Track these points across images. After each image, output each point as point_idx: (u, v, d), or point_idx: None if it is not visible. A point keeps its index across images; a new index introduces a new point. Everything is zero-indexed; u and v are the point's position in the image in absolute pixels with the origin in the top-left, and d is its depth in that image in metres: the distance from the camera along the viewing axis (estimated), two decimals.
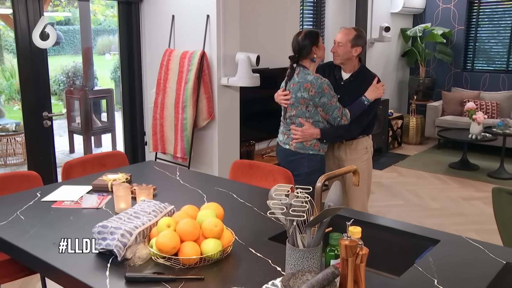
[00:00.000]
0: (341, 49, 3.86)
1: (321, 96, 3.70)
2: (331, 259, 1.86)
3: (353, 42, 3.83)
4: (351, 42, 3.83)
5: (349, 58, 3.89)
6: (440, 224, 5.40)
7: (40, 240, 2.28)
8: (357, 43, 3.84)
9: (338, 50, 3.87)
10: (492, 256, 2.11)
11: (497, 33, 9.16)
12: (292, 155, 3.90)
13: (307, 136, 3.80)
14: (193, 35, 4.99)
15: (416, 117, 9.17)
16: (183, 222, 2.07)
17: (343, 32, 3.88)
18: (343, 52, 3.85)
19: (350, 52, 3.85)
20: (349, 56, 3.87)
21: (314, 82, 3.68)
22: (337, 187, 1.94)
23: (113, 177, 3.13)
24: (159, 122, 5.11)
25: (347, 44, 3.83)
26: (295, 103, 3.79)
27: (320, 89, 3.68)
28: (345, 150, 4.06)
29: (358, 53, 3.88)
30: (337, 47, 3.87)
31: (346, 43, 3.83)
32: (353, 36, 3.83)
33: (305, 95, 3.71)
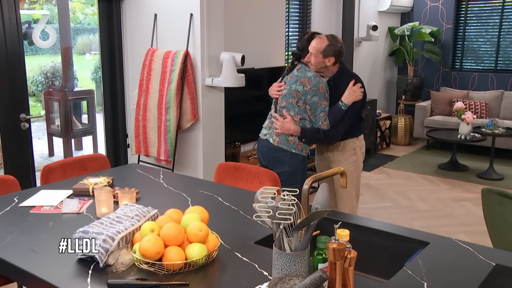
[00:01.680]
0: (313, 59, 3.79)
1: (314, 94, 3.70)
2: (319, 263, 1.85)
3: (325, 53, 3.75)
4: (323, 53, 3.75)
5: (323, 67, 3.83)
6: (429, 226, 5.38)
7: (18, 248, 2.23)
8: (329, 53, 3.76)
9: (310, 60, 3.81)
10: (482, 258, 2.11)
11: (485, 32, 9.17)
12: (275, 151, 3.89)
13: (285, 129, 3.81)
14: (176, 34, 4.94)
15: (405, 117, 9.15)
16: (167, 227, 2.05)
17: (315, 41, 3.79)
18: (315, 62, 3.79)
19: (323, 62, 3.79)
20: (322, 65, 3.81)
21: (312, 79, 3.71)
22: (325, 189, 1.92)
23: (94, 180, 3.10)
24: (142, 124, 5.05)
25: (318, 55, 3.76)
26: (287, 94, 3.80)
27: (316, 87, 3.70)
28: (332, 150, 4.05)
29: (331, 62, 3.79)
30: (310, 56, 3.81)
31: (317, 54, 3.76)
32: (324, 46, 3.74)
33: (299, 89, 3.72)
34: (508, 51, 8.98)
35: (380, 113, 8.80)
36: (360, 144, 4.09)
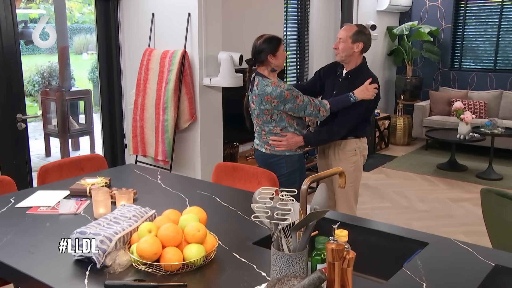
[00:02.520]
0: (341, 45, 3.86)
1: (285, 103, 3.67)
2: (318, 264, 1.83)
3: (354, 38, 3.83)
4: (352, 38, 3.83)
5: (350, 54, 3.88)
6: (429, 226, 5.37)
7: (14, 249, 2.21)
8: (358, 38, 3.84)
9: (338, 46, 3.88)
10: (481, 259, 2.10)
11: (484, 31, 9.16)
12: (269, 158, 3.88)
13: (292, 144, 3.81)
14: (174, 34, 4.93)
15: (403, 117, 9.14)
16: (165, 227, 2.04)
17: (344, 28, 3.90)
18: (343, 48, 3.85)
19: (352, 48, 3.85)
20: (350, 52, 3.86)
21: (273, 94, 3.64)
22: (323, 189, 1.91)
23: (91, 181, 3.09)
24: (139, 124, 5.04)
25: (347, 40, 3.83)
26: (260, 114, 3.78)
27: (281, 98, 3.65)
28: (334, 149, 4.05)
29: (360, 49, 3.86)
30: (338, 43, 3.89)
31: (346, 39, 3.84)
32: (354, 31, 3.84)
33: (268, 107, 3.70)
34: (507, 50, 8.97)
35: (379, 113, 8.79)
36: (362, 147, 4.07)
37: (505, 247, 3.36)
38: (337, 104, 3.80)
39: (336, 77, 4.04)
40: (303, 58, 7.60)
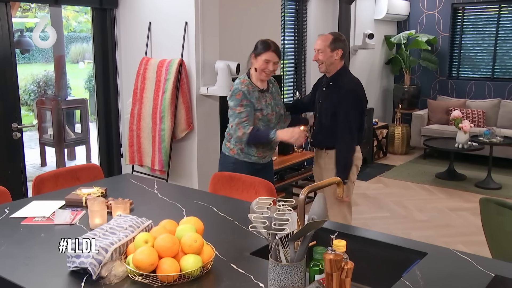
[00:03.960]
0: (321, 56, 3.92)
1: (230, 100, 3.81)
2: (316, 274, 1.85)
3: (332, 46, 3.89)
4: (330, 47, 3.89)
5: (332, 62, 3.93)
6: (427, 236, 5.35)
7: (8, 260, 2.19)
8: (336, 46, 3.90)
9: (319, 57, 3.94)
10: (481, 269, 2.09)
11: (482, 40, 9.18)
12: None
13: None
14: (171, 43, 4.93)
15: (402, 126, 9.13)
16: (161, 238, 2.02)
17: (320, 39, 3.96)
18: (324, 58, 3.91)
19: (332, 56, 3.91)
20: (331, 60, 3.92)
21: (232, 85, 3.87)
22: (321, 199, 1.91)
23: (87, 191, 3.07)
24: (136, 133, 5.02)
25: (326, 50, 3.90)
26: None
27: (234, 93, 3.79)
28: (325, 159, 4.09)
29: (339, 55, 3.93)
30: (318, 54, 3.94)
31: (325, 49, 3.90)
32: (330, 40, 3.91)
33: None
34: (504, 59, 8.98)
35: (377, 122, 8.78)
36: (355, 156, 4.06)
37: (505, 257, 3.35)
38: (256, 137, 3.77)
39: (321, 87, 4.11)
40: (301, 66, 7.60)
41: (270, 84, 3.97)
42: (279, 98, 4.04)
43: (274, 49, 3.80)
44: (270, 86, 3.97)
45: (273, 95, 3.96)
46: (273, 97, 3.95)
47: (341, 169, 3.94)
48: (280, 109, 3.98)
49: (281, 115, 4.01)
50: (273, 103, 3.92)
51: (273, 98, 3.94)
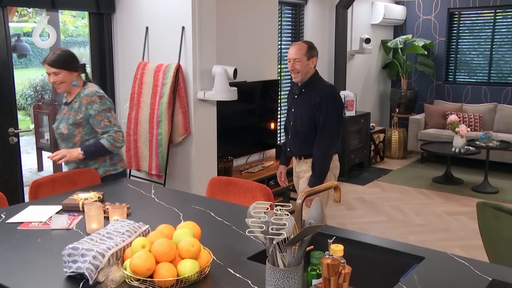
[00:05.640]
0: (298, 65, 3.88)
1: None
2: (313, 279, 1.84)
3: (308, 55, 3.89)
4: (306, 55, 3.88)
5: (308, 71, 3.93)
6: (425, 241, 5.34)
7: (4, 265, 2.18)
8: (312, 54, 3.91)
9: (296, 67, 3.90)
10: (478, 273, 2.09)
11: (478, 45, 9.20)
12: None
13: None
14: (168, 47, 4.92)
15: (399, 130, 9.13)
16: (159, 243, 2.02)
17: (296, 48, 3.91)
18: (301, 67, 3.89)
19: (308, 65, 3.90)
20: (308, 69, 3.92)
21: None
22: (318, 204, 1.90)
23: (84, 196, 3.06)
24: (133, 138, 5.00)
25: (303, 58, 3.87)
26: None
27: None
28: (301, 167, 4.06)
29: (315, 63, 3.94)
30: (294, 64, 3.90)
31: (302, 58, 3.87)
32: (306, 48, 3.89)
33: None
34: (500, 64, 9.00)
35: (374, 127, 8.79)
36: (333, 165, 4.00)
37: (502, 261, 3.34)
38: (89, 147, 3.66)
39: (292, 94, 4.09)
40: None
41: (77, 98, 3.68)
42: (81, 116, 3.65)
43: (47, 61, 3.58)
44: (74, 101, 3.70)
45: (70, 111, 3.70)
46: (69, 113, 3.69)
47: (317, 175, 3.87)
48: (65, 128, 3.69)
49: (63, 135, 3.72)
50: (62, 119, 3.74)
51: (68, 114, 3.70)
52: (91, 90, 3.67)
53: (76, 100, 3.67)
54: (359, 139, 8.10)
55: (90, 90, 3.66)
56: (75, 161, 3.69)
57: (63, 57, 3.62)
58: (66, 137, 3.70)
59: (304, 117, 3.92)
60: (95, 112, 3.62)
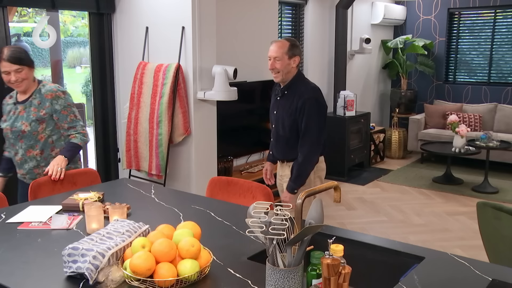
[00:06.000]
0: (279, 64, 3.61)
1: None
2: (313, 279, 1.83)
3: (290, 53, 3.61)
4: (288, 54, 3.60)
5: (289, 71, 3.66)
6: (425, 241, 5.33)
7: (4, 265, 2.18)
8: (294, 53, 3.63)
9: (276, 66, 3.63)
10: (478, 273, 2.08)
11: (478, 45, 9.19)
12: None
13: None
14: (168, 47, 4.92)
15: (399, 130, 9.12)
16: (159, 243, 2.01)
17: (277, 45, 3.63)
18: (282, 66, 3.61)
19: (289, 64, 3.63)
20: (289, 69, 3.64)
21: None
22: (318, 204, 1.88)
23: (84, 196, 3.06)
24: (133, 138, 5.00)
25: (284, 57, 3.60)
26: None
27: None
28: (285, 171, 3.86)
29: (297, 63, 3.66)
30: (274, 62, 3.63)
31: (282, 56, 3.60)
32: (288, 46, 3.61)
33: None
34: (500, 64, 8.99)
35: (374, 127, 8.78)
36: (318, 167, 3.82)
37: (502, 261, 3.34)
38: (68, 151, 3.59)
39: (275, 96, 3.84)
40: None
41: (36, 95, 3.59)
42: (45, 112, 3.57)
43: (8, 59, 3.43)
44: (33, 97, 3.59)
45: (28, 108, 3.57)
46: (28, 110, 3.57)
47: (293, 179, 3.69)
48: (26, 125, 3.56)
49: (24, 132, 3.57)
50: (17, 118, 3.59)
51: (27, 112, 3.56)
52: (53, 86, 3.64)
53: (35, 97, 3.57)
54: (359, 139, 8.10)
55: (53, 86, 3.63)
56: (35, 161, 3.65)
57: (24, 53, 3.52)
58: (28, 134, 3.56)
59: (285, 121, 3.71)
60: (61, 107, 3.58)
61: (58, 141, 3.66)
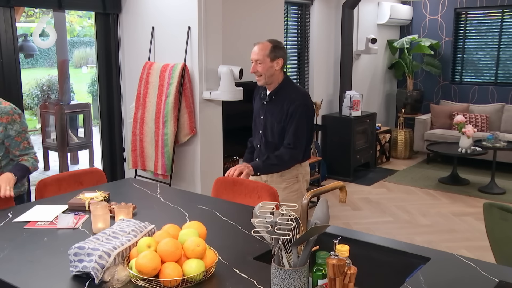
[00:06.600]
0: (260, 67, 3.48)
1: None
2: (319, 279, 1.83)
3: (272, 55, 3.47)
4: (270, 56, 3.47)
5: (272, 74, 3.52)
6: (431, 241, 5.32)
7: (11, 264, 2.18)
8: (277, 55, 3.49)
9: (258, 69, 3.50)
10: (485, 274, 2.07)
11: (485, 45, 9.16)
12: None
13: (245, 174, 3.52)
14: (174, 47, 4.92)
15: (405, 131, 9.10)
16: (164, 242, 2.01)
17: (258, 48, 3.51)
18: (264, 69, 3.48)
19: (272, 67, 3.49)
20: (272, 72, 3.51)
21: None
22: (324, 204, 1.88)
23: (90, 195, 3.05)
24: (139, 137, 5.01)
25: (265, 60, 3.47)
26: None
27: None
28: (272, 176, 3.69)
29: (280, 65, 3.52)
30: (256, 65, 3.51)
31: (264, 59, 3.47)
32: (270, 48, 3.48)
33: None
34: (508, 64, 8.96)
35: (380, 127, 8.76)
36: (304, 171, 3.72)
37: (509, 263, 3.32)
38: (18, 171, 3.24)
39: (261, 100, 3.71)
40: (303, 71, 7.60)
41: None
42: None
43: None
44: None
45: None
46: None
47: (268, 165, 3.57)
48: None
49: None
50: None
51: None
52: (8, 106, 3.29)
53: None
54: (365, 140, 8.08)
55: (8, 107, 3.29)
56: None
57: None
58: None
59: (275, 127, 3.60)
60: (15, 132, 3.30)
61: (7, 166, 3.35)
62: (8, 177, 3.11)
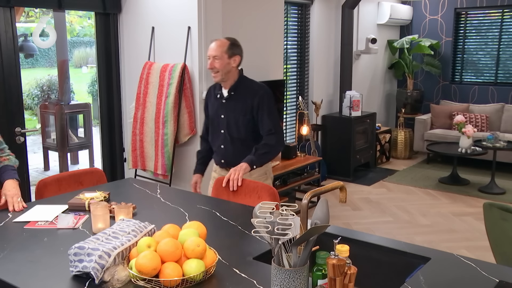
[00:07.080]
0: (218, 63, 3.52)
1: None
2: (319, 279, 1.83)
3: (230, 52, 3.53)
4: (228, 53, 3.52)
5: (229, 71, 3.57)
6: (431, 241, 5.32)
7: (11, 264, 2.18)
8: (234, 52, 3.56)
9: (215, 65, 3.53)
10: (485, 274, 2.07)
11: (485, 45, 9.16)
12: None
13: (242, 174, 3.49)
14: (174, 47, 4.92)
15: (405, 131, 9.11)
16: (164, 242, 2.02)
17: (216, 44, 3.55)
18: (221, 65, 3.52)
19: (229, 63, 3.54)
20: (229, 68, 3.56)
21: None
22: (324, 204, 1.89)
23: (90, 195, 3.06)
24: (139, 137, 5.01)
25: (223, 56, 3.51)
26: None
27: None
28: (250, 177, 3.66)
29: (237, 63, 3.59)
30: (213, 61, 3.53)
31: (222, 55, 3.51)
32: (228, 45, 3.54)
33: None
34: (508, 64, 8.96)
35: (380, 127, 8.76)
36: (271, 168, 3.80)
37: (509, 263, 3.33)
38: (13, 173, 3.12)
39: (217, 100, 3.71)
40: (303, 71, 7.60)
41: None
42: None
43: None
44: None
45: None
46: None
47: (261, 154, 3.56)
48: None
49: None
50: None
51: None
52: None
53: None
54: (365, 140, 8.09)
55: None
56: None
57: None
58: None
59: (240, 121, 3.62)
60: None
61: None
62: (14, 186, 3.03)
